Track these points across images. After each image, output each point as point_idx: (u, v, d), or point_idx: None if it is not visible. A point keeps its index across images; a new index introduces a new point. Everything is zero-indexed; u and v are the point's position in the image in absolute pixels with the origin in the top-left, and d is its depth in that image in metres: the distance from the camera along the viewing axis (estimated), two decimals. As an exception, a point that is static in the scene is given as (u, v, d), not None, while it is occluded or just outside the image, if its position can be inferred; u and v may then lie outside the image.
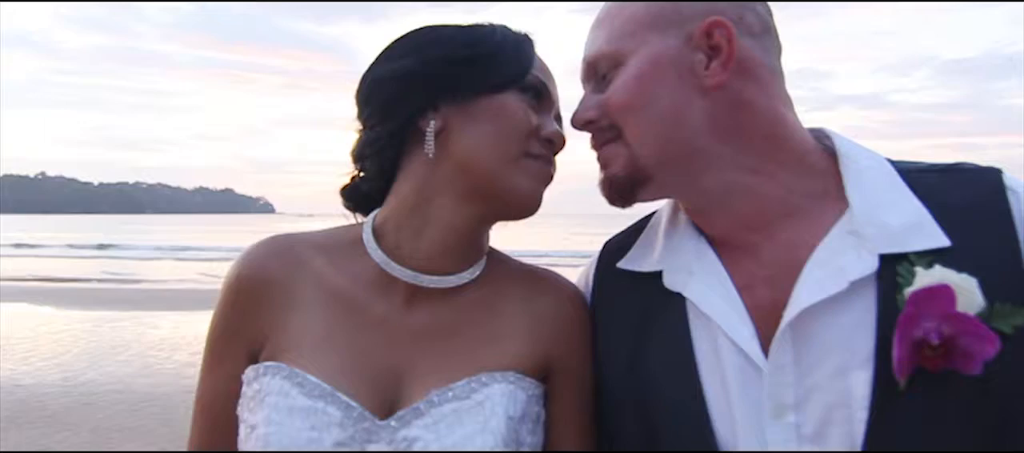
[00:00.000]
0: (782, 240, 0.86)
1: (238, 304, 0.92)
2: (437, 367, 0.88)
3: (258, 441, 0.83)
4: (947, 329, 0.73)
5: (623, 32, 0.89)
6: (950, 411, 0.75)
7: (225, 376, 0.92)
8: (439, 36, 0.92)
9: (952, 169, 0.87)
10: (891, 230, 0.81)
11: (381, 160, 0.94)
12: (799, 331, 0.81)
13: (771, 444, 0.80)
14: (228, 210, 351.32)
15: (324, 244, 0.96)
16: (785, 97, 0.91)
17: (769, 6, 0.92)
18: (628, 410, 0.89)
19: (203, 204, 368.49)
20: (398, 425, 0.84)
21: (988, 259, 0.78)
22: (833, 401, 0.78)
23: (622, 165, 0.90)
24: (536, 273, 1.01)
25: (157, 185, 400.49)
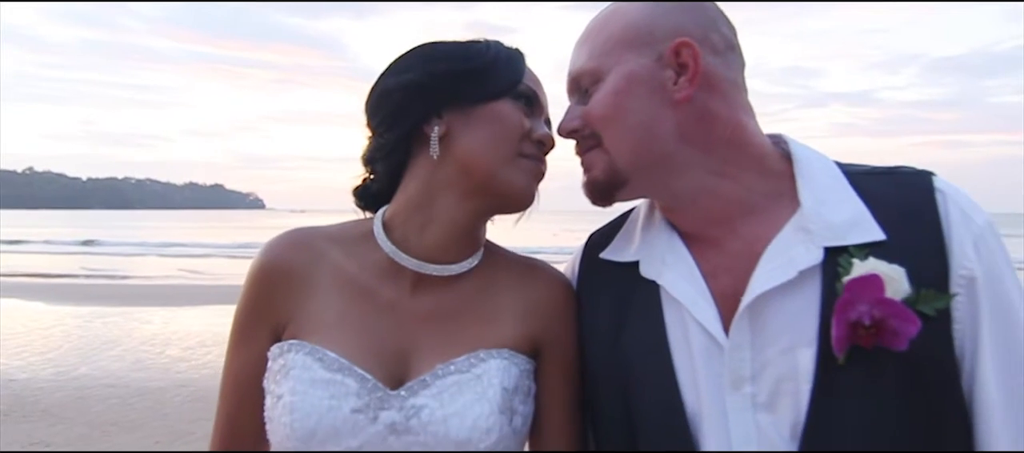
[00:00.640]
0: (743, 234, 0.96)
1: (262, 290, 1.02)
2: (440, 345, 0.99)
3: (285, 409, 0.93)
4: (877, 312, 0.84)
5: (602, 51, 0.99)
6: (882, 382, 0.86)
7: (251, 354, 1.02)
8: (440, 52, 1.02)
9: (890, 172, 0.98)
10: (835, 226, 0.91)
11: (390, 163, 1.04)
12: (755, 314, 0.91)
13: (730, 411, 0.90)
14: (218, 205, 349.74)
15: (338, 237, 1.06)
16: (747, 107, 1.01)
17: (733, 26, 1.02)
18: (609, 383, 1.00)
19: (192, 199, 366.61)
20: (407, 395, 0.95)
21: (917, 252, 0.89)
22: (783, 374, 0.89)
23: (602, 169, 1.00)
24: (528, 262, 1.11)
25: (146, 180, 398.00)
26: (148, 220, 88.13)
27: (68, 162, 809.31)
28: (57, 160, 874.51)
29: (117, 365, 7.59)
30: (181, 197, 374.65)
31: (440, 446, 0.93)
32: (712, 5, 1.02)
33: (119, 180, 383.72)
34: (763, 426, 0.89)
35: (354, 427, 0.92)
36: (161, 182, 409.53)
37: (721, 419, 0.90)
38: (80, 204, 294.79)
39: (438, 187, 1.01)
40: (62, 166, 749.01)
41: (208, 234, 46.73)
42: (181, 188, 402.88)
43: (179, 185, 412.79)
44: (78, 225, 64.52)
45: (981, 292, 0.88)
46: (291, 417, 0.92)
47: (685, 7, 0.99)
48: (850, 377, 0.86)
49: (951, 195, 0.92)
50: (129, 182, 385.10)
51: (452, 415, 0.92)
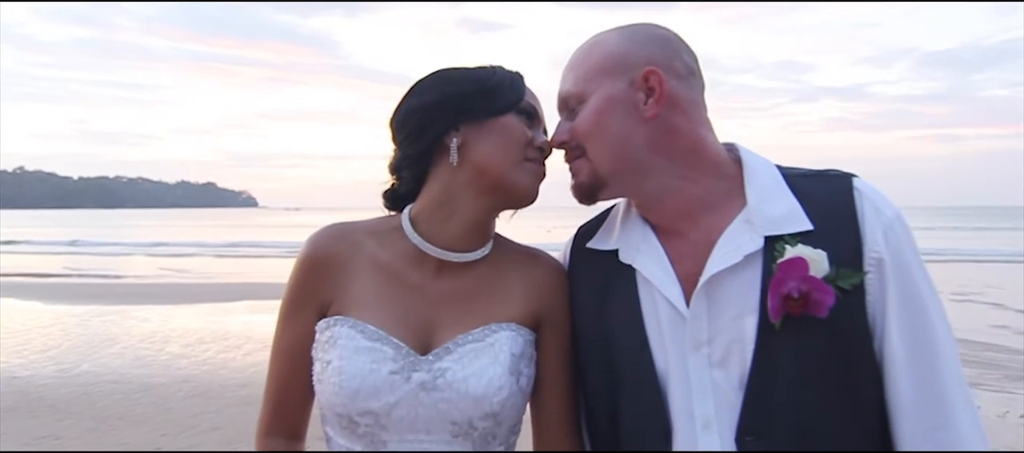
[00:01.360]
0: (701, 226, 1.16)
1: (309, 276, 1.20)
2: (459, 319, 1.18)
3: (334, 372, 1.12)
4: (803, 287, 1.04)
5: (585, 77, 1.19)
6: (809, 343, 1.06)
7: (299, 330, 1.19)
8: (455, 76, 1.21)
9: (820, 174, 1.18)
10: (773, 219, 1.11)
11: (415, 170, 1.23)
12: (710, 290, 1.11)
13: (691, 368, 1.10)
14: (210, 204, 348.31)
15: (372, 230, 1.24)
16: (706, 122, 1.20)
17: (695, 54, 1.21)
18: (594, 349, 1.20)
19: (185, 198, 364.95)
20: (434, 359, 1.14)
21: (837, 239, 1.09)
22: (732, 338, 1.09)
23: (586, 175, 1.19)
24: (529, 251, 1.30)
25: (138, 179, 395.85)
26: (140, 219, 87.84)
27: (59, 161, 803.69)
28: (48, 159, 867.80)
29: (118, 362, 7.73)
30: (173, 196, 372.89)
31: (461, 401, 1.12)
32: (676, 37, 1.21)
33: (111, 179, 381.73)
34: (717, 380, 1.09)
35: (391, 386, 1.11)
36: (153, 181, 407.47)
37: (684, 375, 1.10)
38: (71, 203, 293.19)
39: (457, 188, 1.19)
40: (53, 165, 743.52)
41: (202, 233, 46.67)
42: (173, 187, 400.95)
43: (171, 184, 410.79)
44: (70, 225, 64.34)
45: (888, 271, 1.08)
46: (339, 378, 1.11)
47: (653, 40, 1.19)
48: (784, 339, 1.06)
49: (866, 193, 1.12)
50: (121, 181, 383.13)
51: (471, 376, 1.12)
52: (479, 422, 1.13)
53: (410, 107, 1.20)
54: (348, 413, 1.13)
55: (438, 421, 1.12)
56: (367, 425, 1.13)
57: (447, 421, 1.12)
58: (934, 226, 52.96)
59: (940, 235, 40.87)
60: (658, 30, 1.21)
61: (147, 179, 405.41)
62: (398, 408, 1.11)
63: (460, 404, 1.11)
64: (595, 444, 1.23)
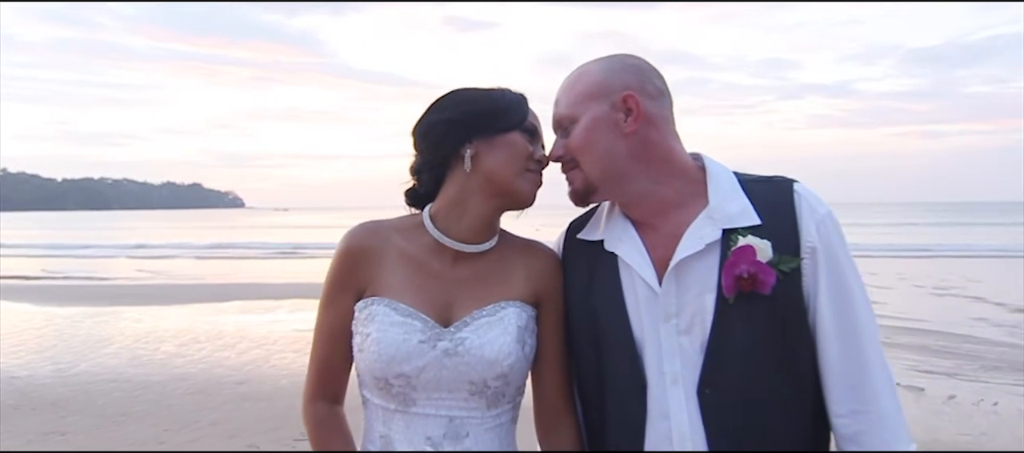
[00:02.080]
0: (671, 221, 1.38)
1: (347, 265, 1.41)
2: (473, 298, 1.39)
3: (373, 342, 1.34)
4: (752, 269, 1.28)
5: (575, 102, 1.40)
6: (755, 314, 1.29)
7: (340, 310, 1.41)
8: (470, 97, 1.42)
9: (768, 179, 1.41)
10: (730, 215, 1.34)
11: (433, 175, 1.44)
12: (678, 272, 1.33)
13: (662, 335, 1.33)
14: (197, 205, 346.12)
15: (398, 226, 1.46)
16: (675, 135, 1.42)
17: (663, 77, 1.43)
18: (583, 321, 1.42)
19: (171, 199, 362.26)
20: (454, 330, 1.36)
21: (780, 231, 1.32)
22: (695, 310, 1.32)
23: (580, 183, 1.41)
24: (529, 242, 1.51)
25: (123, 180, 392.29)
26: (127, 221, 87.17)
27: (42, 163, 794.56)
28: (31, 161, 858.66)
29: (115, 361, 7.83)
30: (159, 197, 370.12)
31: (478, 364, 1.34)
32: (647, 65, 1.42)
33: (95, 180, 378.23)
34: (683, 344, 1.32)
35: (420, 353, 1.33)
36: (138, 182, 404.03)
37: (656, 341, 1.34)
38: (56, 205, 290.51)
39: (470, 191, 1.40)
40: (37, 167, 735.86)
41: (190, 234, 46.51)
42: (159, 188, 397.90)
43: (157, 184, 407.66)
44: (55, 227, 63.93)
45: (820, 258, 1.31)
46: (378, 347, 1.33)
47: (627, 68, 1.41)
48: (736, 311, 1.30)
49: (804, 195, 1.36)
50: (106, 182, 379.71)
51: (485, 343, 1.34)
52: (492, 382, 1.35)
53: (432, 121, 1.41)
54: (385, 376, 1.34)
55: (458, 381, 1.34)
56: (400, 386, 1.34)
57: (466, 381, 1.34)
58: (917, 222, 53.56)
59: (923, 231, 41.40)
60: (632, 59, 1.43)
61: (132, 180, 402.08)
62: (425, 371, 1.33)
63: (477, 367, 1.33)
64: (584, 400, 1.45)
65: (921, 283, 15.67)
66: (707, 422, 1.30)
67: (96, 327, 10.09)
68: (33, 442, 5.14)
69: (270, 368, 7.52)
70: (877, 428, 1.30)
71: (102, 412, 5.90)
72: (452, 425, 1.35)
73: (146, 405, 6.12)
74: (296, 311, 11.69)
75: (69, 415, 5.79)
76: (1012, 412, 5.89)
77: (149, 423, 5.59)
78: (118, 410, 5.96)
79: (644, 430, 1.34)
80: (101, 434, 5.36)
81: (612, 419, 1.38)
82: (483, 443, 1.37)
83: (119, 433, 5.37)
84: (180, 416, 5.78)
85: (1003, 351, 8.30)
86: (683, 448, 1.30)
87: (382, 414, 1.39)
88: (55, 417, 5.74)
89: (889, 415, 1.30)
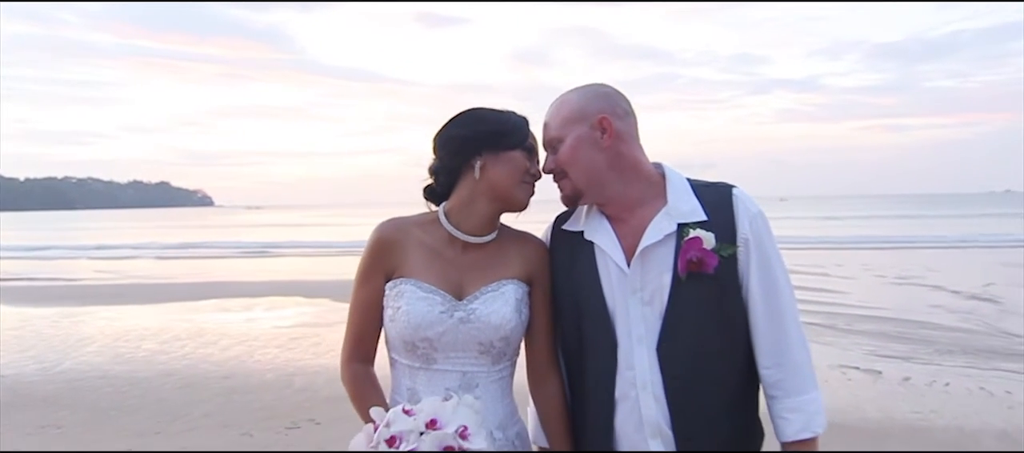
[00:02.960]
0: (638, 216, 1.70)
1: (377, 253, 1.72)
2: (480, 277, 1.71)
3: (403, 314, 1.66)
4: (699, 255, 1.63)
5: (561, 126, 1.72)
6: (702, 290, 1.64)
7: (372, 289, 1.72)
8: (483, 117, 1.72)
9: (713, 184, 1.74)
10: (683, 212, 1.67)
11: (449, 177, 1.75)
12: (643, 257, 1.67)
13: (630, 306, 1.66)
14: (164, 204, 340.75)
15: (418, 221, 1.77)
16: (640, 147, 1.75)
17: (629, 100, 1.75)
18: (565, 297, 1.75)
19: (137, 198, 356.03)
20: (467, 303, 1.68)
21: (721, 225, 1.66)
22: (656, 286, 1.66)
23: (569, 190, 1.73)
24: (523, 233, 1.82)
25: (88, 179, 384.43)
26: (93, 221, 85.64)
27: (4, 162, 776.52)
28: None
29: (99, 359, 7.94)
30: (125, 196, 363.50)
31: (486, 329, 1.67)
32: (615, 91, 1.75)
33: (59, 180, 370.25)
34: (646, 313, 1.67)
35: (441, 321, 1.66)
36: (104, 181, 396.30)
37: (625, 310, 1.68)
38: (18, 205, 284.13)
39: (477, 195, 1.72)
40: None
41: (160, 234, 45.99)
42: (125, 187, 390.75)
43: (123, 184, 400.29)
44: (20, 227, 62.73)
45: (752, 247, 1.66)
46: (407, 317, 1.66)
47: (601, 95, 1.73)
48: (688, 287, 1.64)
49: (740, 198, 1.70)
50: (70, 181, 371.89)
51: (492, 312, 1.67)
52: (496, 343, 1.69)
53: (451, 133, 1.72)
54: (412, 340, 1.65)
55: (470, 343, 1.67)
56: (424, 348, 1.66)
57: (476, 343, 1.67)
58: (883, 214, 54.83)
59: (888, 223, 42.42)
60: (603, 88, 1.76)
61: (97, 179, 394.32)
62: (445, 335, 1.65)
63: (485, 331, 1.67)
64: (567, 357, 1.79)
65: (883, 273, 16.23)
66: (664, 371, 1.64)
67: (74, 327, 10.14)
68: (32, 435, 5.28)
69: (254, 363, 7.69)
70: (792, 376, 1.67)
71: (94, 406, 6.05)
72: (465, 378, 1.68)
73: (136, 399, 6.27)
74: (273, 309, 11.84)
75: (61, 410, 5.93)
76: (961, 391, 6.28)
77: (142, 416, 5.76)
78: (109, 404, 6.11)
79: (615, 378, 1.68)
80: (97, 426, 5.52)
81: (590, 370, 1.72)
82: (490, 392, 1.70)
83: (114, 425, 5.53)
84: (172, 409, 5.95)
85: (956, 336, 8.75)
86: (644, 391, 1.66)
87: (408, 371, 1.71)
88: (48, 412, 5.87)
89: (801, 367, 1.68)
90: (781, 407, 1.68)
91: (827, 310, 10.73)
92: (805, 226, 39.39)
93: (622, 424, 1.67)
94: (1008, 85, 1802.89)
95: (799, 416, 1.66)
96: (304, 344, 8.65)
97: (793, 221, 45.19)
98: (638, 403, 1.65)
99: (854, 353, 7.88)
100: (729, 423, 1.68)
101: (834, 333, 8.98)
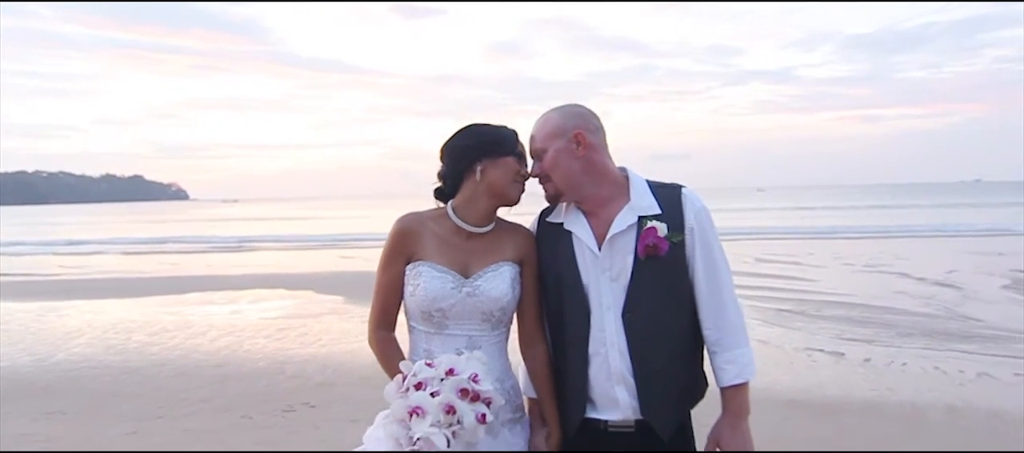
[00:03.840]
0: (607, 211, 2.06)
1: (399, 241, 2.07)
2: (482, 260, 2.06)
3: (422, 289, 2.01)
4: (655, 241, 1.99)
5: (544, 139, 2.07)
6: (657, 268, 2.00)
7: (395, 271, 2.07)
8: (483, 130, 2.07)
9: (666, 184, 2.10)
10: (642, 207, 2.04)
11: (455, 180, 2.09)
12: (611, 243, 2.03)
13: (601, 282, 2.03)
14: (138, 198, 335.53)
15: (430, 216, 2.11)
16: (608, 155, 2.10)
17: (598, 116, 2.10)
18: (550, 276, 2.11)
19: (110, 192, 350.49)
20: (472, 281, 2.04)
21: (672, 217, 2.02)
22: (621, 266, 2.02)
23: (552, 191, 2.10)
24: (515, 225, 2.14)
25: (59, 173, 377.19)
26: (66, 215, 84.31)
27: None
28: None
29: (91, 351, 8.09)
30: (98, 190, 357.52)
31: (488, 301, 2.03)
32: (588, 110, 2.11)
33: (29, 174, 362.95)
34: (613, 287, 2.04)
35: (452, 295, 2.02)
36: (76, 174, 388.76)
37: (597, 285, 2.04)
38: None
39: (478, 193, 2.07)
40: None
41: (136, 229, 45.60)
42: (98, 181, 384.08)
43: (95, 177, 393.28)
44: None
45: (696, 235, 2.04)
46: (425, 292, 2.01)
47: (576, 114, 2.09)
48: (646, 267, 2.01)
49: (687, 195, 2.07)
50: (40, 175, 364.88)
51: (492, 288, 2.03)
52: (496, 312, 2.06)
53: (457, 144, 2.08)
54: (428, 310, 2.00)
55: (475, 313, 2.04)
56: (438, 317, 2.00)
57: (480, 312, 2.04)
58: (858, 205, 55.78)
59: (861, 213, 43.25)
60: (578, 108, 2.13)
61: (69, 173, 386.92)
62: (455, 306, 2.00)
63: (487, 303, 2.03)
64: (551, 323, 2.15)
65: (853, 262, 16.76)
66: (627, 333, 2.03)
67: (60, 320, 10.22)
68: (38, 421, 5.47)
69: (245, 352, 7.92)
70: (728, 335, 2.06)
71: (94, 393, 6.25)
72: (470, 341, 2.04)
73: (133, 386, 6.49)
74: (258, 301, 12.02)
75: (63, 397, 6.12)
76: (917, 370, 6.70)
77: (142, 402, 5.98)
78: (108, 391, 6.31)
79: (589, 338, 2.05)
80: (100, 411, 5.73)
81: (569, 333, 2.09)
82: (490, 352, 2.05)
83: (116, 409, 5.75)
84: (170, 394, 6.17)
85: (916, 320, 9.21)
86: (612, 348, 2.03)
87: (424, 336, 2.06)
88: (50, 400, 6.05)
89: (736, 328, 2.07)
90: (720, 360, 2.06)
91: (797, 297, 11.19)
92: (780, 217, 40.04)
93: (594, 375, 2.05)
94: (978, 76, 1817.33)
95: (734, 366, 2.05)
96: (291, 334, 8.89)
97: (769, 213, 45.79)
98: (607, 358, 2.02)
99: (820, 337, 8.29)
100: (679, 373, 2.08)
101: (803, 318, 9.41)
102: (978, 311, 9.79)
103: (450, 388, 1.80)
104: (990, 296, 11.17)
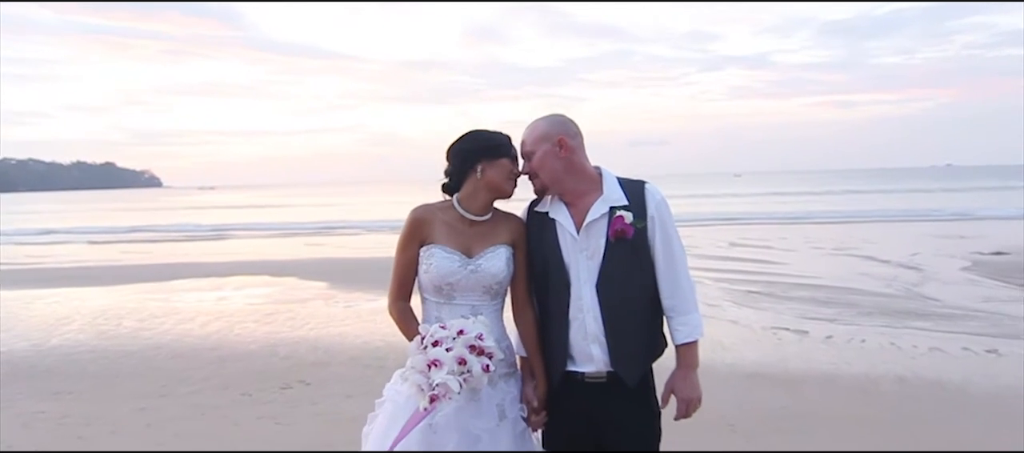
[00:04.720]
0: (584, 201, 2.43)
1: (414, 228, 2.43)
2: (483, 243, 2.42)
3: (434, 267, 2.37)
4: (623, 226, 2.38)
5: (533, 142, 2.44)
6: (625, 249, 2.39)
7: (410, 252, 2.43)
8: (482, 136, 2.45)
9: (633, 180, 2.48)
10: (613, 199, 2.41)
11: (459, 177, 2.46)
12: (588, 228, 2.40)
13: (580, 261, 2.41)
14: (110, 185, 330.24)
15: (440, 206, 2.47)
16: (586, 156, 2.48)
17: (577, 123, 2.48)
18: (537, 257, 2.48)
19: (82, 179, 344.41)
20: (475, 260, 2.40)
21: (636, 207, 2.41)
22: (595, 247, 2.40)
23: (539, 186, 2.46)
24: (509, 214, 2.52)
25: (28, 161, 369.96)
26: (37, 204, 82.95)
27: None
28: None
29: (84, 336, 8.28)
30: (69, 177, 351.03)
31: (488, 277, 2.40)
32: (569, 119, 2.50)
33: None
34: (589, 265, 2.41)
35: (459, 272, 2.39)
36: (46, 162, 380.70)
37: (576, 263, 2.41)
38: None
39: (478, 189, 2.44)
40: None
41: (109, 217, 45.19)
42: (68, 168, 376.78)
43: (66, 165, 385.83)
44: (-37, 211, 60.71)
45: (656, 222, 2.42)
46: (436, 269, 2.38)
47: (559, 122, 2.48)
48: (616, 248, 2.39)
49: (649, 189, 2.46)
50: (9, 163, 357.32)
51: (491, 265, 2.40)
52: (495, 286, 2.44)
53: (460, 147, 2.45)
54: (439, 284, 2.37)
55: (478, 286, 2.41)
56: (447, 290, 2.38)
57: (482, 286, 2.41)
58: (831, 190, 56.68)
59: (833, 199, 44.07)
60: (561, 117, 2.53)
61: (39, 161, 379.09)
62: (461, 281, 2.37)
63: (487, 278, 2.40)
64: (538, 295, 2.52)
65: (822, 246, 17.33)
66: (600, 302, 2.40)
67: (48, 308, 10.32)
68: (47, 400, 5.72)
69: (236, 336, 8.18)
70: (682, 303, 2.46)
71: (96, 375, 6.51)
72: (473, 309, 2.41)
73: (133, 368, 6.75)
74: (244, 288, 12.23)
75: (67, 379, 6.36)
76: (874, 346, 7.17)
77: (143, 381, 6.25)
78: (109, 373, 6.57)
79: (569, 306, 2.44)
80: (106, 390, 6.00)
81: (552, 302, 2.47)
82: (490, 319, 2.41)
83: (122, 389, 6.02)
84: (171, 374, 6.45)
85: (878, 300, 9.72)
86: (588, 314, 2.41)
87: (435, 306, 2.44)
88: (54, 381, 6.29)
89: (688, 297, 2.47)
90: (675, 322, 2.47)
91: (767, 280, 11.68)
92: (756, 203, 40.73)
93: (574, 336, 2.44)
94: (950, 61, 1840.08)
95: (686, 327, 2.47)
96: (280, 319, 9.16)
97: (744, 199, 46.46)
98: (584, 322, 2.42)
99: (786, 317, 8.75)
100: (643, 334, 2.48)
101: (771, 300, 9.87)
102: (936, 291, 10.33)
103: (461, 344, 2.21)
104: (949, 277, 11.74)
